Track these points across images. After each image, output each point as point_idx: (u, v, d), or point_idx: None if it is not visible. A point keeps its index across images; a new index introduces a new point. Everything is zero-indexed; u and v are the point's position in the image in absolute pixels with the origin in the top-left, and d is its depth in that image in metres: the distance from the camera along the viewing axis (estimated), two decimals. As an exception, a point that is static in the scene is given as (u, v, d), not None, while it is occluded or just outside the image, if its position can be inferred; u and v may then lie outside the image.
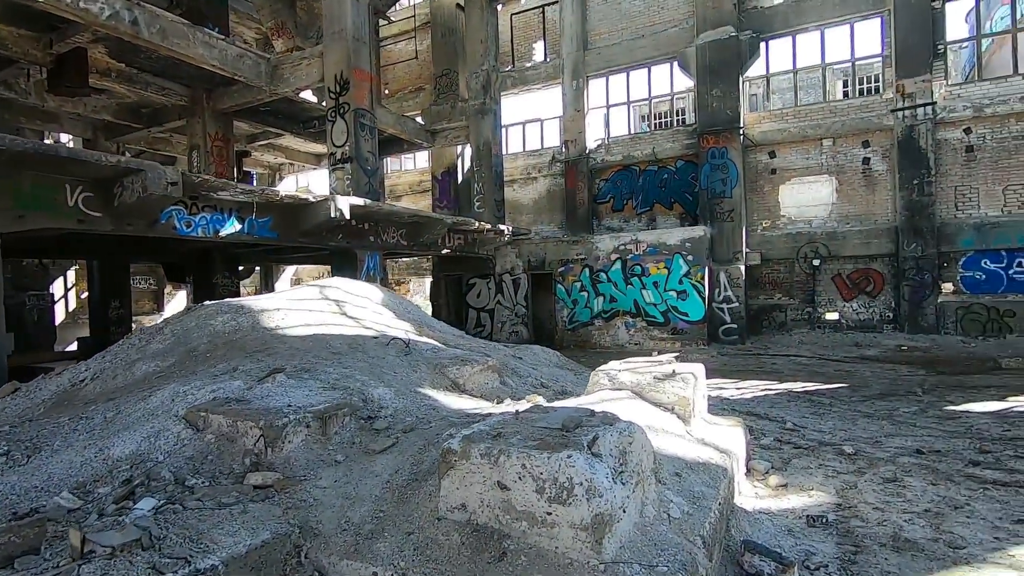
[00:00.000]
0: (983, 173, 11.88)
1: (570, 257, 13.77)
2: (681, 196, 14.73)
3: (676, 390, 3.83)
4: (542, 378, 6.10)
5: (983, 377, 8.25)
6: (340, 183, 10.05)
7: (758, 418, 6.09)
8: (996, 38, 20.39)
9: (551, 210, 16.56)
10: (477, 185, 14.99)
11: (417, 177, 18.75)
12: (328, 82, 10.23)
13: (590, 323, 13.54)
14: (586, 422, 2.63)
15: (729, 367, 10.13)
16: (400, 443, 3.13)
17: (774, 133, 13.51)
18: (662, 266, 12.71)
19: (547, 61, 16.34)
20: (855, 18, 12.84)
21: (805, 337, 12.86)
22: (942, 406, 6.47)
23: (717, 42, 13.33)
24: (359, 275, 9.95)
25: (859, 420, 5.96)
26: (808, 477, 4.11)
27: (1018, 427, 5.37)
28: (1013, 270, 11.56)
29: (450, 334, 7.02)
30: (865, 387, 7.86)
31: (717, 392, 7.75)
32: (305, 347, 4.76)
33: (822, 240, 13.01)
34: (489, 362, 5.12)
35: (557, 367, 7.15)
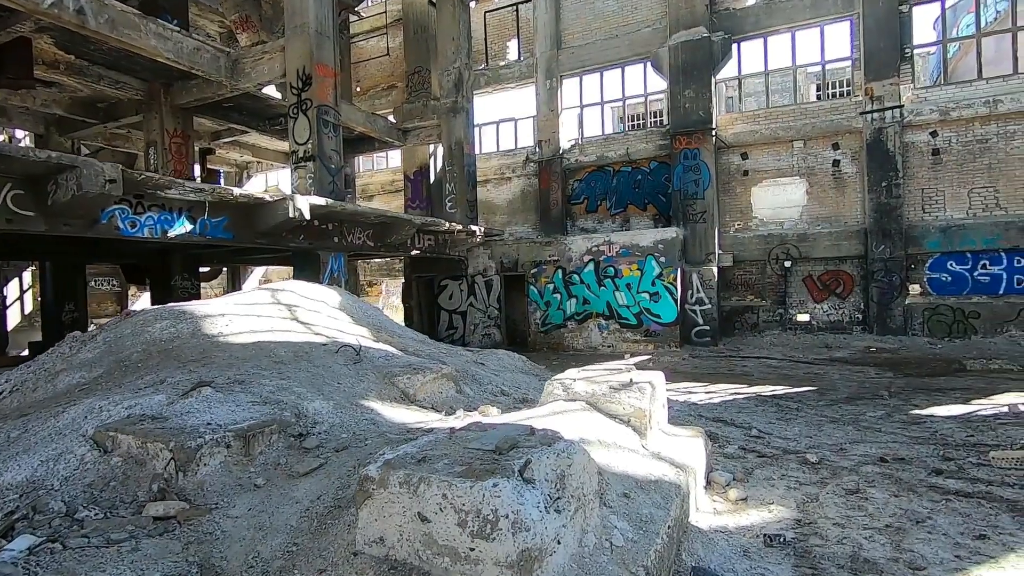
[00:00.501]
0: (949, 176, 12.01)
1: (543, 258, 13.59)
2: (655, 197, 14.66)
3: (632, 401, 3.65)
4: (503, 385, 5.88)
5: (948, 379, 8.27)
6: (302, 182, 9.71)
7: (724, 424, 5.96)
8: (963, 45, 20.81)
9: (525, 211, 16.37)
10: (449, 185, 14.72)
11: (389, 177, 18.41)
12: (290, 77, 9.88)
13: (563, 325, 13.37)
14: (523, 442, 2.42)
15: (700, 370, 10.05)
16: (329, 464, 2.89)
17: (746, 134, 13.51)
18: (635, 268, 12.61)
19: (521, 60, 16.15)
20: (825, 21, 12.89)
21: (777, 339, 12.87)
22: (907, 410, 6.42)
23: (690, 43, 13.28)
24: (322, 277, 9.63)
25: (825, 426, 5.86)
26: (770, 489, 3.96)
27: (981, 432, 5.32)
28: (978, 272, 11.70)
29: (411, 339, 6.77)
30: (833, 390, 7.81)
31: (686, 397, 7.63)
32: (246, 356, 4.48)
33: (793, 242, 13.04)
34: (444, 370, 4.89)
35: (522, 372, 6.95)
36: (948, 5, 12.62)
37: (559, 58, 15.37)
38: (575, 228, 15.59)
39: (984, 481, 3.95)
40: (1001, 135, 11.60)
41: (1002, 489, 3.77)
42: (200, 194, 7.18)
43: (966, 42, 21.31)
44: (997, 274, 11.58)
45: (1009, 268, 11.49)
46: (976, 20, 12.21)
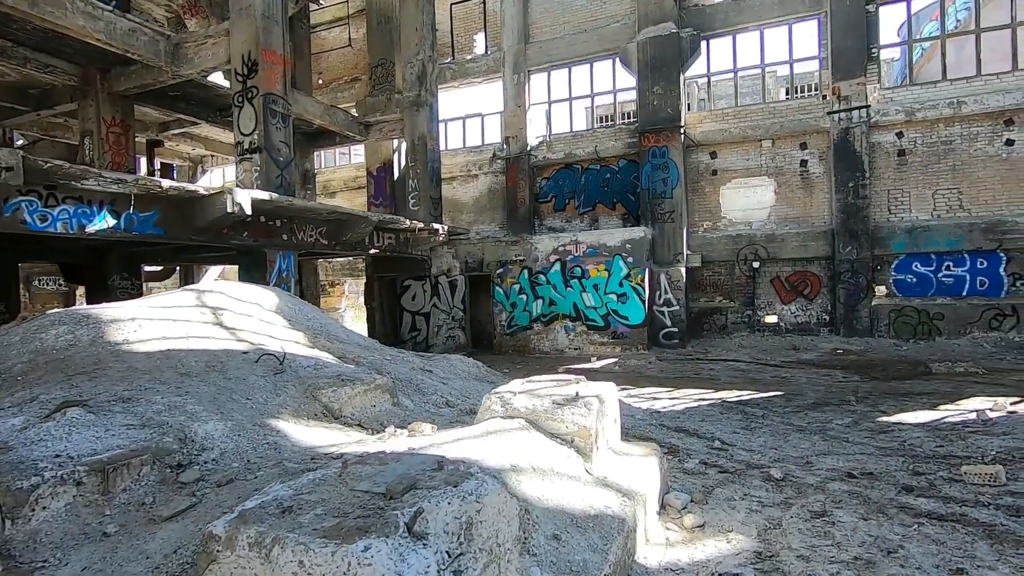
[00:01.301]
0: (914, 177, 11.98)
1: (509, 258, 13.17)
2: (623, 196, 14.37)
3: (576, 419, 3.23)
4: (450, 395, 5.43)
5: (915, 383, 8.11)
6: (247, 175, 9.10)
7: (687, 435, 5.61)
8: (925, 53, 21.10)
9: (492, 209, 15.94)
10: (412, 182, 14.19)
11: (352, 173, 17.76)
12: (235, 63, 9.26)
13: (529, 327, 12.97)
14: (425, 481, 1.98)
15: (666, 374, 9.74)
16: (204, 503, 2.40)
17: (715, 133, 13.31)
18: (602, 268, 12.28)
19: (488, 54, 15.70)
20: (793, 19, 12.77)
21: (745, 340, 12.69)
22: (875, 417, 6.18)
23: (658, 38, 13.01)
24: (268, 277, 9.03)
25: (791, 435, 5.56)
26: (730, 513, 3.60)
27: (950, 441, 5.07)
28: (942, 273, 11.69)
29: (354, 345, 6.26)
30: (800, 395, 7.56)
31: (649, 403, 7.29)
32: (148, 367, 3.94)
33: (761, 242, 12.88)
34: (377, 381, 4.41)
35: (475, 380, 6.50)
36: (913, 12, 12.60)
37: (527, 52, 14.97)
38: (543, 227, 15.21)
39: (957, 500, 3.65)
40: (965, 136, 11.60)
41: (977, 510, 3.47)
42: (123, 185, 6.55)
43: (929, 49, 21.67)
44: (961, 276, 11.58)
45: (972, 270, 11.50)
46: (941, 23, 12.22)
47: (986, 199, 11.50)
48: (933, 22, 22.56)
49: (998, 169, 11.43)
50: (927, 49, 21.78)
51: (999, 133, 11.39)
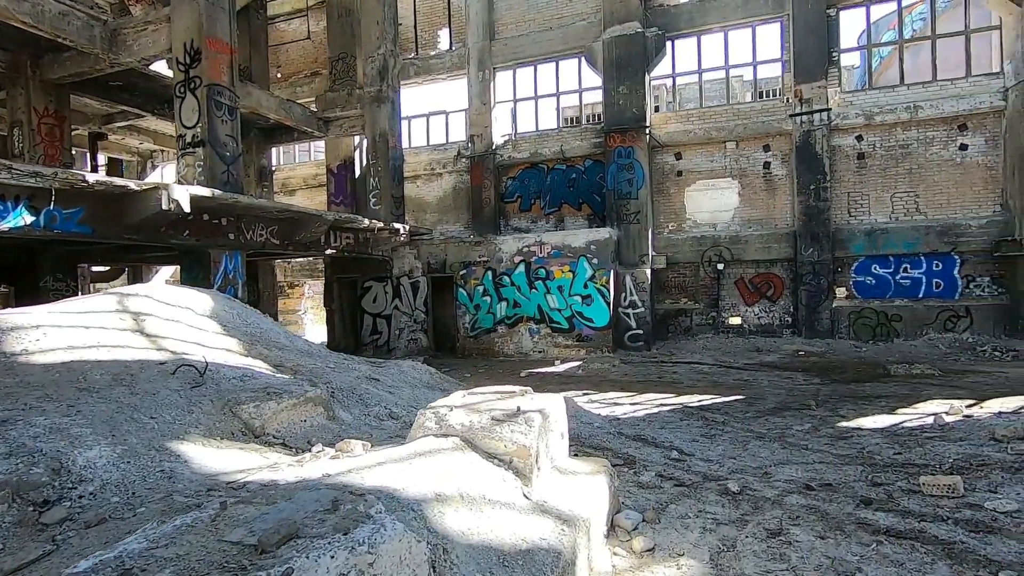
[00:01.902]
0: (873, 180, 12.12)
1: (472, 259, 12.86)
2: (589, 197, 14.21)
3: (515, 437, 2.95)
4: (396, 405, 5.10)
5: (874, 386, 8.11)
6: (190, 170, 8.57)
7: (645, 444, 5.40)
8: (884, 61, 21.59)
9: (457, 209, 15.59)
10: (373, 180, 13.74)
11: (313, 170, 17.19)
12: (176, 52, 8.72)
13: (493, 330, 12.69)
14: (310, 528, 1.67)
15: (630, 377, 9.58)
16: (60, 551, 2.03)
17: (680, 134, 13.25)
18: (567, 269, 12.07)
19: (452, 50, 15.36)
20: (756, 21, 12.80)
21: (709, 342, 12.65)
22: (835, 422, 6.08)
23: (623, 37, 12.89)
24: (212, 278, 8.52)
25: (751, 443, 5.40)
26: (683, 533, 3.37)
27: (908, 448, 4.97)
28: (900, 275, 11.85)
29: (296, 352, 5.87)
30: (761, 399, 7.45)
31: (610, 409, 7.07)
32: (43, 381, 3.51)
33: (725, 244, 12.87)
34: (308, 394, 4.05)
35: (426, 388, 6.18)
36: (872, 21, 12.75)
37: (492, 49, 14.68)
38: (508, 227, 14.95)
39: (916, 514, 3.50)
40: (921, 141, 11.78)
41: (935, 526, 3.32)
42: (41, 179, 6.01)
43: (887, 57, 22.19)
44: (917, 278, 11.76)
45: (928, 272, 11.68)
46: (899, 30, 12.40)
47: (941, 202, 11.70)
48: (891, 31, 23.17)
49: (952, 173, 11.64)
50: (885, 57, 22.32)
51: (953, 138, 11.60)
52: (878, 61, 21.96)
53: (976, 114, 11.38)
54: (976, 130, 11.47)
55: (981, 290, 11.40)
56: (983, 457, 4.47)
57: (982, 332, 11.20)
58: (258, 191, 15.09)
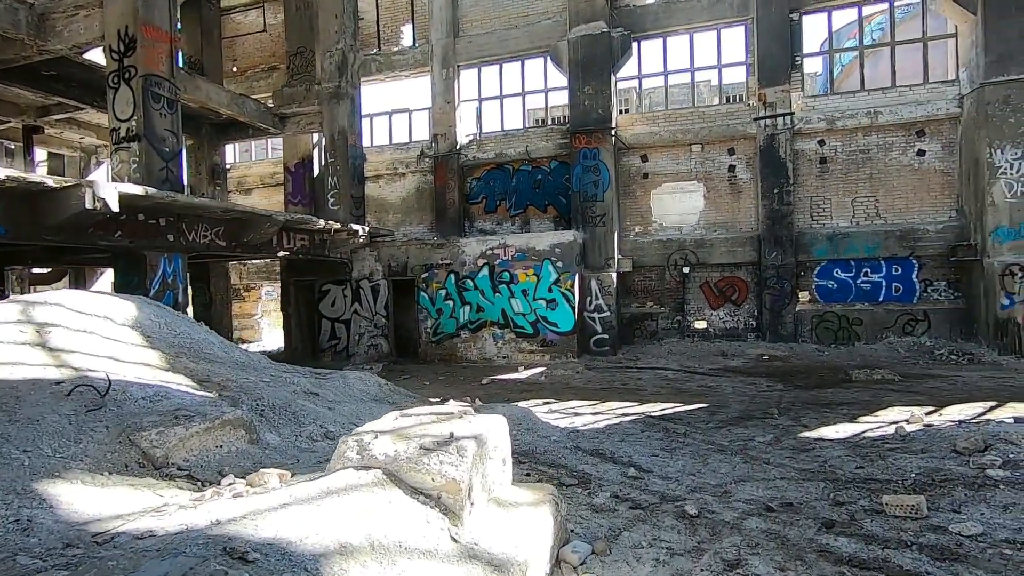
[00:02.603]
0: (835, 184, 12.19)
1: (434, 262, 12.47)
2: (555, 198, 13.98)
3: (444, 469, 2.62)
4: (333, 423, 4.71)
5: (836, 391, 8.04)
6: (124, 166, 7.99)
7: (602, 460, 5.13)
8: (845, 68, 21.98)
9: (420, 210, 15.18)
10: (332, 179, 13.24)
11: (270, 169, 16.53)
12: (109, 39, 8.13)
13: (456, 335, 12.32)
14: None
15: (593, 384, 9.34)
16: None
17: (646, 136, 13.13)
18: (531, 272, 11.79)
19: (415, 47, 14.95)
20: (721, 24, 12.76)
21: (675, 347, 12.53)
22: (797, 432, 5.93)
23: (589, 37, 12.69)
24: (149, 283, 7.96)
25: (712, 457, 5.18)
26: (634, 567, 3.09)
27: (870, 461, 4.82)
28: (860, 279, 11.93)
29: (229, 364, 5.41)
30: (724, 407, 7.29)
31: (570, 420, 6.80)
32: (-97, 408, 3.02)
33: (691, 247, 12.78)
34: (226, 416, 3.65)
35: (373, 401, 5.79)
36: (834, 29, 12.83)
37: (456, 47, 14.32)
38: (473, 229, 14.60)
39: (879, 539, 3.30)
40: (881, 146, 11.89)
41: (899, 554, 3.11)
42: (-60, 175, 5.42)
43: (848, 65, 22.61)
44: (877, 282, 11.86)
45: (888, 276, 11.79)
46: (859, 37, 12.50)
47: (900, 207, 11.83)
48: (852, 40, 23.64)
49: (911, 178, 11.78)
50: (846, 65, 22.76)
51: (912, 144, 11.74)
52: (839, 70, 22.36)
53: (933, 120, 11.54)
54: (933, 136, 11.63)
55: (938, 294, 11.56)
56: (945, 472, 4.33)
57: (939, 336, 11.34)
58: (210, 190, 14.41)
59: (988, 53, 10.39)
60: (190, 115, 13.31)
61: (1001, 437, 4.65)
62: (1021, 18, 10.23)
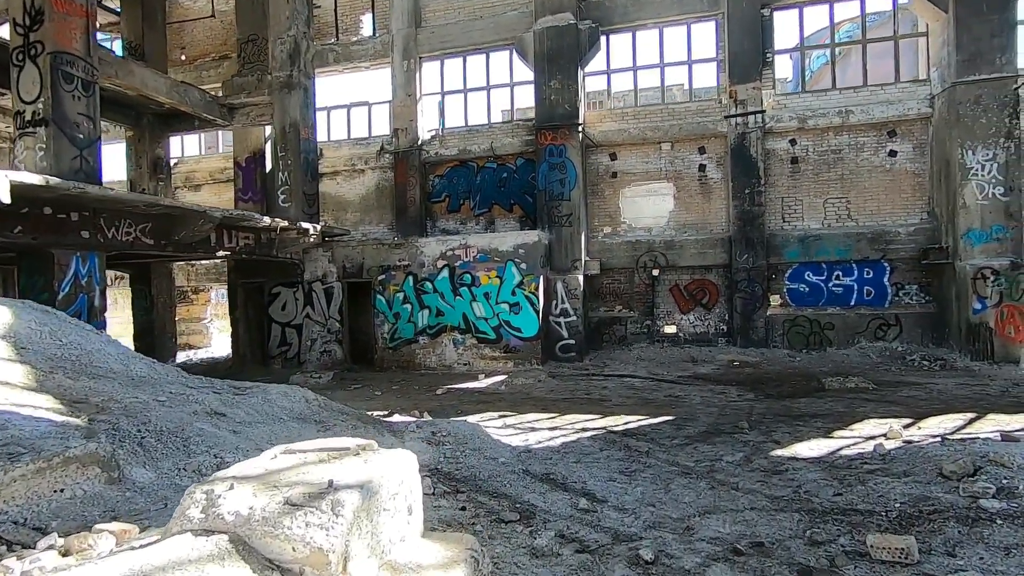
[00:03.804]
0: (807, 185, 11.87)
1: (392, 263, 11.76)
2: (521, 197, 13.39)
3: (310, 535, 1.97)
4: (235, 451, 4.00)
5: (808, 401, 7.60)
6: (29, 154, 7.12)
7: (552, 487, 4.52)
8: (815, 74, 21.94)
9: (380, 208, 14.43)
10: (283, 175, 12.43)
11: (221, 164, 15.59)
12: (13, 11, 7.24)
13: (414, 340, 11.62)
14: None
15: (555, 394, 8.75)
16: None
17: (615, 133, 12.64)
18: (493, 275, 11.17)
19: (375, 37, 14.21)
20: (691, 19, 12.36)
21: (644, 352, 12.04)
22: (768, 450, 5.42)
23: (556, 29, 12.15)
24: (57, 284, 7.09)
25: (675, 481, 4.62)
26: (569, 642, 2.47)
27: (849, 486, 4.31)
28: (832, 283, 11.62)
29: (121, 381, 4.65)
30: (692, 420, 6.77)
31: (524, 437, 6.18)
32: None
33: (660, 249, 12.32)
34: (71, 451, 2.93)
35: (295, 421, 5.08)
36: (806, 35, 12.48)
37: (418, 37, 13.65)
38: (436, 229, 13.92)
39: (866, 595, 2.75)
40: (852, 146, 11.62)
41: (892, 617, 2.57)
42: None
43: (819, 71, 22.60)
44: (849, 285, 11.56)
45: (859, 279, 11.50)
46: (831, 32, 12.22)
47: (872, 209, 11.56)
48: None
49: (882, 179, 11.52)
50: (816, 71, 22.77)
51: (883, 144, 11.48)
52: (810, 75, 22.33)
53: (904, 120, 11.30)
54: (904, 137, 11.39)
55: (910, 298, 11.30)
56: (933, 501, 3.83)
57: (911, 341, 11.08)
58: (152, 184, 13.44)
59: (960, 52, 10.16)
60: (128, 104, 12.38)
61: (990, 458, 4.19)
62: (992, 16, 10.03)
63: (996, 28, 10.02)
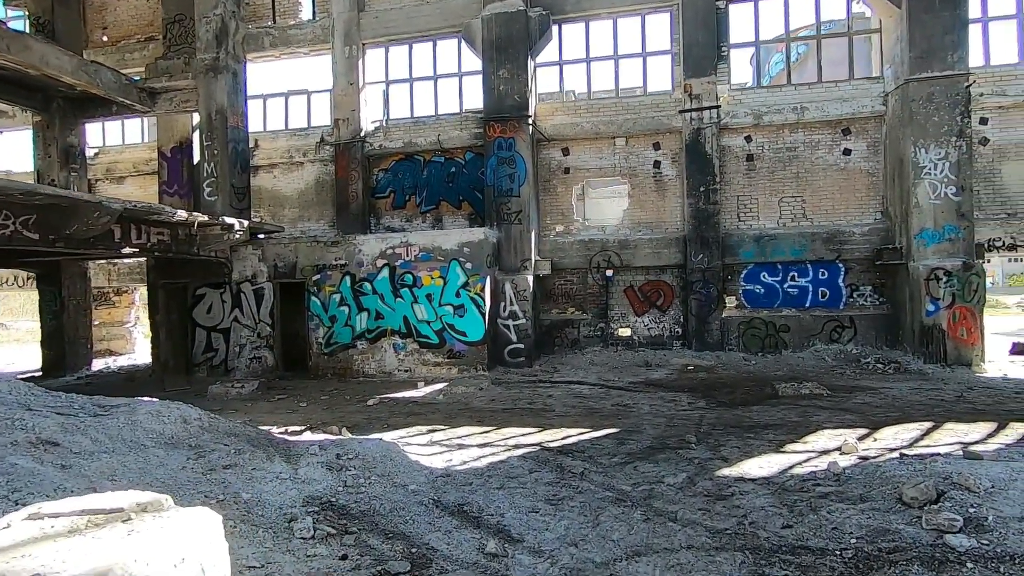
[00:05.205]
0: (762, 184, 11.55)
1: (328, 262, 10.90)
2: (470, 194, 12.69)
3: None
4: (55, 491, 3.17)
5: (761, 410, 7.13)
6: None
7: (463, 522, 3.84)
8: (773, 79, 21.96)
9: (321, 204, 13.52)
10: (209, 166, 11.42)
11: (146, 154, 14.38)
12: None
13: (352, 345, 10.79)
14: None
15: (496, 404, 8.08)
16: None
17: (567, 127, 12.08)
18: (437, 275, 10.45)
19: (315, 21, 13.30)
20: (646, 10, 11.90)
21: (597, 356, 11.49)
22: (715, 469, 4.87)
23: (504, 15, 11.52)
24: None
25: (606, 512, 4.01)
26: None
27: (800, 516, 3.77)
28: (787, 284, 11.32)
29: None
30: (636, 433, 6.19)
31: (449, 456, 5.49)
32: None
33: (615, 248, 11.81)
34: None
35: (166, 447, 4.26)
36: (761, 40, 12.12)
37: (360, 22, 12.81)
38: (380, 226, 13.10)
39: None
40: (808, 144, 11.34)
41: None
42: None
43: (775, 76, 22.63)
44: (804, 286, 11.28)
45: (815, 280, 11.23)
46: (785, 26, 11.93)
47: (827, 208, 11.30)
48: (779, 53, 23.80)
49: (837, 178, 11.28)
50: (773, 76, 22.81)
51: (838, 142, 11.25)
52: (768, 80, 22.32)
53: (858, 118, 11.09)
54: (859, 135, 11.18)
55: (864, 300, 11.08)
56: (893, 535, 3.31)
57: (865, 343, 10.85)
58: (63, 176, 12.23)
59: (913, 48, 9.96)
60: (34, 85, 11.21)
61: (954, 481, 3.71)
62: (944, 13, 9.85)
63: (948, 25, 9.85)
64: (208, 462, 4.18)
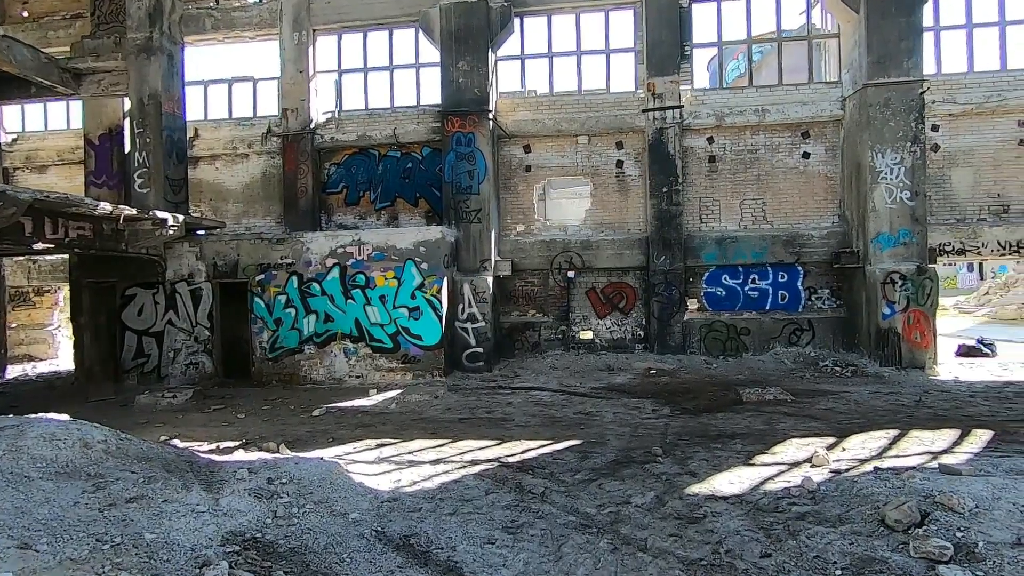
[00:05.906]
0: (724, 185, 11.46)
1: (272, 261, 10.18)
2: (428, 191, 12.16)
3: None
4: None
5: (726, 417, 6.92)
6: None
7: (408, 559, 3.38)
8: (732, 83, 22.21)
9: (268, 199, 12.71)
10: (141, 156, 10.52)
11: (73, 142, 13.19)
12: None
13: (299, 350, 10.10)
14: None
15: (452, 414, 7.61)
16: None
17: (529, 124, 11.70)
18: (391, 275, 9.88)
19: (261, 3, 12.47)
20: (610, 6, 11.65)
21: (558, 360, 11.15)
22: (684, 486, 4.55)
23: (465, 5, 11.04)
24: None
25: (570, 541, 3.62)
26: None
27: (779, 541, 3.48)
28: (748, 287, 11.26)
29: None
30: (600, 445, 5.85)
31: (398, 476, 5.00)
32: None
33: (576, 249, 11.51)
34: None
35: (55, 477, 3.65)
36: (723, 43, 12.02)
37: (311, 7, 12.08)
38: (332, 224, 12.41)
39: None
40: (768, 146, 11.32)
41: None
42: None
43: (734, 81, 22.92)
44: (764, 289, 11.25)
45: (775, 283, 11.22)
46: (747, 28, 11.89)
47: (786, 211, 11.31)
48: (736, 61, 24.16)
49: (796, 181, 11.31)
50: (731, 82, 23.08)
51: (797, 145, 11.27)
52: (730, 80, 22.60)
53: (817, 122, 11.13)
54: (817, 138, 11.22)
55: (822, 303, 11.13)
56: (880, 565, 3.03)
57: (823, 346, 10.89)
58: (-27, 162, 11.03)
59: (870, 53, 10.02)
60: (-64, 61, 10.00)
61: (937, 500, 3.48)
62: (901, 19, 9.96)
63: (904, 31, 9.96)
64: (108, 495, 3.58)
